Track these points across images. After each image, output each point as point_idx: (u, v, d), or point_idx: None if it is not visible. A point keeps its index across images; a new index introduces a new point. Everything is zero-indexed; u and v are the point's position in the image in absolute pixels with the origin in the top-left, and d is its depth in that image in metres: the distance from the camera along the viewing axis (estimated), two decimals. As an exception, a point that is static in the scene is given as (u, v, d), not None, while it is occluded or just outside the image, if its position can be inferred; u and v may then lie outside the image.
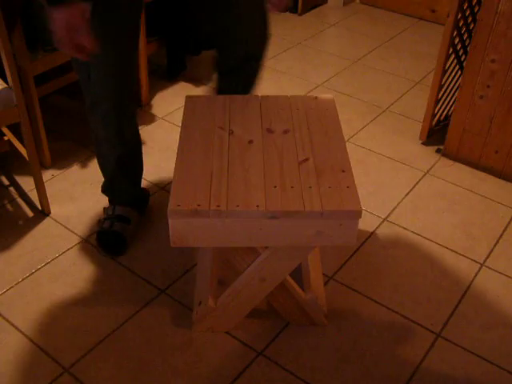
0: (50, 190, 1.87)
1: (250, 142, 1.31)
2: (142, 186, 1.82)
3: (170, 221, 1.15)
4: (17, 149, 1.83)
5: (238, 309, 1.41)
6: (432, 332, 1.49)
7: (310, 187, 1.18)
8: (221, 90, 1.67)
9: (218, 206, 1.13)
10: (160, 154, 2.09)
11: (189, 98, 1.46)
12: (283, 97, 1.49)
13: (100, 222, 1.72)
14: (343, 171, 1.24)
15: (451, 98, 2.26)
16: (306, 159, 1.26)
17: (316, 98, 1.46)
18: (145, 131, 2.22)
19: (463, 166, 2.11)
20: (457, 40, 2.04)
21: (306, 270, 1.52)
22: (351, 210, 1.15)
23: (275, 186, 1.18)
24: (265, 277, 1.32)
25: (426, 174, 2.06)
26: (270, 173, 1.22)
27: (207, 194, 1.16)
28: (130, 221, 1.70)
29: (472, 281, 1.65)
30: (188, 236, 1.17)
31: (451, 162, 2.12)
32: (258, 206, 1.13)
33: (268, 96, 1.48)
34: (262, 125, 1.37)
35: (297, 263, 1.31)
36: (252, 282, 1.33)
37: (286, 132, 1.35)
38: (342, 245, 1.21)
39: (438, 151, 2.17)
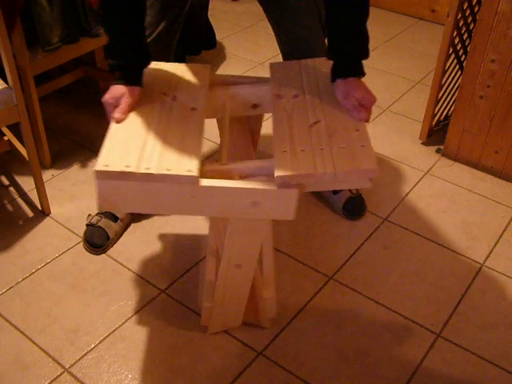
0: (49, 190, 1.86)
1: (193, 109, 1.27)
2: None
3: (96, 182, 1.10)
4: (17, 149, 1.83)
5: (234, 302, 1.39)
6: (432, 332, 1.49)
7: (322, 149, 1.13)
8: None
9: (148, 169, 1.08)
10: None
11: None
12: (294, 62, 1.45)
13: (90, 216, 1.74)
14: (357, 130, 1.18)
15: (451, 98, 2.26)
16: (317, 121, 1.21)
17: (327, 59, 1.40)
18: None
19: (463, 165, 2.11)
20: (457, 40, 2.04)
21: (268, 270, 1.48)
22: (365, 169, 1.09)
23: (285, 151, 1.13)
24: (239, 263, 1.29)
25: (426, 174, 2.06)
26: (280, 138, 1.17)
27: (138, 156, 1.11)
28: (117, 219, 1.73)
29: (472, 281, 1.65)
30: (116, 200, 1.12)
31: (451, 162, 2.12)
32: (189, 171, 1.08)
33: (278, 62, 1.45)
34: (272, 91, 1.33)
35: (258, 240, 1.26)
36: (231, 272, 1.30)
37: (295, 96, 1.30)
38: (279, 218, 1.15)
39: (438, 151, 2.17)
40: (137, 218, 1.81)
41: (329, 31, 1.29)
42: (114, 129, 1.19)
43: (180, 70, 1.41)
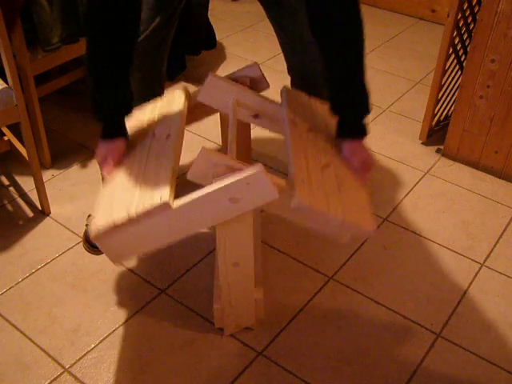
0: (49, 190, 1.87)
1: (168, 136, 1.29)
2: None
3: (98, 245, 1.16)
4: (17, 149, 1.83)
5: (241, 300, 1.39)
6: (432, 332, 1.49)
7: (333, 194, 1.17)
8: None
9: (128, 213, 1.11)
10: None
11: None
12: (304, 95, 1.48)
13: (90, 216, 1.73)
14: (361, 187, 1.25)
15: (451, 98, 2.26)
16: (328, 165, 1.25)
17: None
18: (145, 131, 2.21)
19: (463, 165, 2.11)
20: (457, 40, 2.04)
21: (257, 270, 1.44)
22: (366, 229, 1.16)
23: (303, 181, 1.16)
24: (236, 261, 1.29)
25: (426, 174, 2.06)
26: (299, 166, 1.20)
27: (122, 205, 1.14)
28: None
29: (472, 281, 1.65)
30: (123, 251, 1.17)
31: (451, 162, 2.12)
32: (161, 198, 1.10)
33: (289, 89, 1.49)
34: (288, 115, 1.36)
35: (247, 235, 1.26)
36: (230, 271, 1.31)
37: (309, 131, 1.33)
38: (265, 202, 1.14)
39: (438, 151, 2.17)
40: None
41: (328, 84, 1.33)
42: (102, 189, 1.24)
43: (160, 104, 1.46)
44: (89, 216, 1.74)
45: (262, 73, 1.49)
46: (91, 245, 1.68)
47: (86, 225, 1.72)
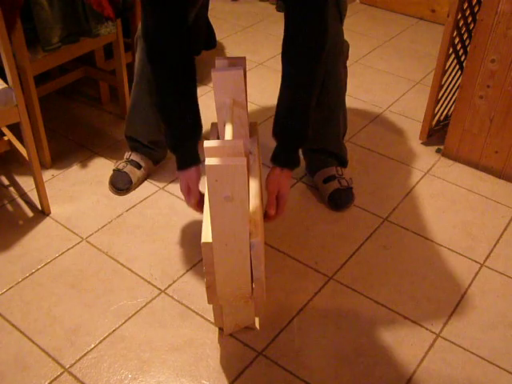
0: (49, 190, 1.87)
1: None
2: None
3: None
4: (17, 149, 1.83)
5: (236, 265, 1.28)
6: (432, 332, 1.50)
7: None
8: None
9: None
10: (160, 153, 2.09)
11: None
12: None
13: (117, 162, 1.93)
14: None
15: (451, 98, 2.26)
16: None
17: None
18: (145, 131, 2.21)
19: (463, 165, 2.11)
20: (457, 40, 2.04)
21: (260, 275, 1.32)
22: None
23: None
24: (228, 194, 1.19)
25: (426, 174, 2.06)
26: None
27: None
28: (141, 167, 1.92)
29: (472, 281, 1.65)
30: None
31: (451, 162, 2.12)
32: None
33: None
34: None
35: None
36: (222, 206, 1.21)
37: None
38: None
39: (438, 151, 2.17)
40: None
41: (277, 108, 1.41)
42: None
43: None
44: (116, 161, 1.93)
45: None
46: (116, 187, 1.87)
47: (113, 170, 1.91)
